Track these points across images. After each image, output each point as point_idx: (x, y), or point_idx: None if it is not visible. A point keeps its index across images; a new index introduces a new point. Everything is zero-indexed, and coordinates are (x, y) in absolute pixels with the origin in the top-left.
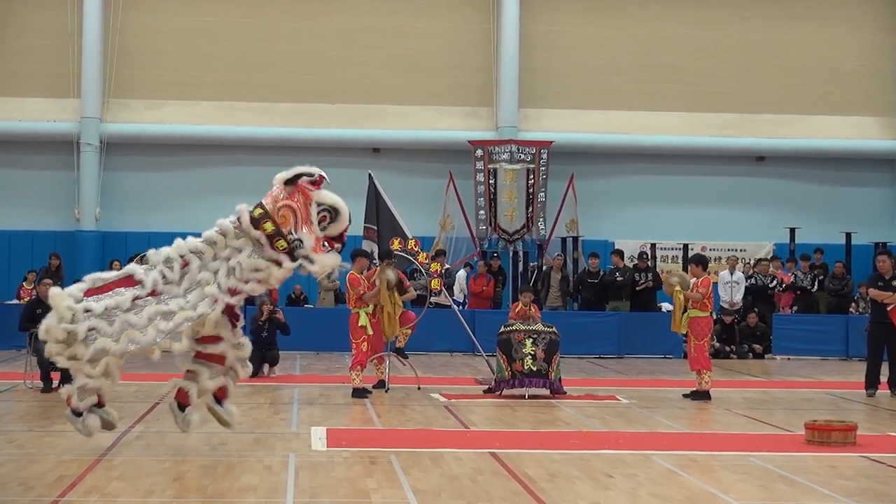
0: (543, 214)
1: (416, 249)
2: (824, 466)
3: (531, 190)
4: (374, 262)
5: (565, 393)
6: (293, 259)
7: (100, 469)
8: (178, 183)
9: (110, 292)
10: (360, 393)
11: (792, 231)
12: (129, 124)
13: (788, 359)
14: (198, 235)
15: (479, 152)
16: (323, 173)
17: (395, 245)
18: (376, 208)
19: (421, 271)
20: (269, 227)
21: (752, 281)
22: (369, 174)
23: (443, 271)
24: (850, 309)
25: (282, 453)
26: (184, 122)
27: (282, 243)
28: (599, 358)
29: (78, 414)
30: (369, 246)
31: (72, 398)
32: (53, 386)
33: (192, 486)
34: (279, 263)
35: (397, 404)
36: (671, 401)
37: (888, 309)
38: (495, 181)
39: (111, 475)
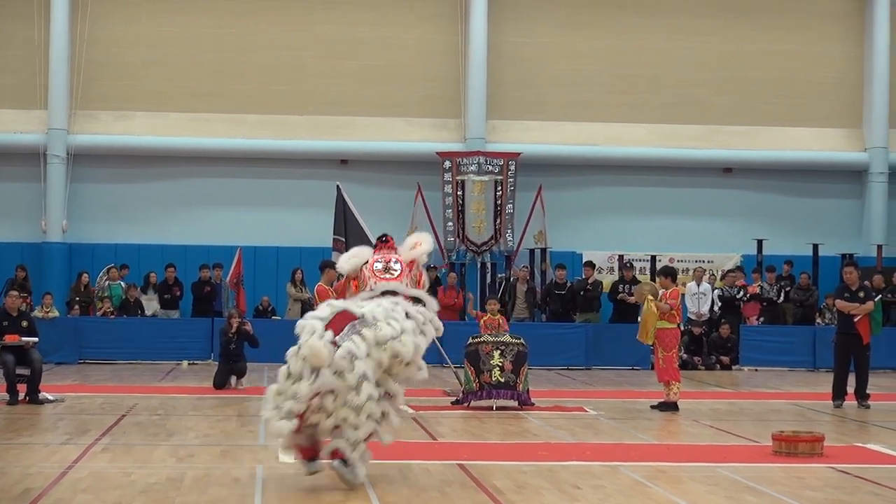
0: (511, 226)
1: None
2: (792, 477)
3: (499, 201)
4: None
5: (533, 404)
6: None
7: (66, 482)
8: (145, 195)
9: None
10: None
11: (759, 242)
12: (96, 136)
13: (756, 370)
14: (166, 247)
15: (448, 164)
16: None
17: None
18: (344, 220)
19: None
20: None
21: (720, 292)
22: (337, 186)
23: None
24: (817, 320)
25: (249, 465)
26: (152, 133)
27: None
28: (567, 369)
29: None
30: (337, 258)
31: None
32: (20, 398)
33: (159, 499)
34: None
35: None
36: (639, 412)
37: (855, 320)
38: (463, 193)
39: (77, 488)
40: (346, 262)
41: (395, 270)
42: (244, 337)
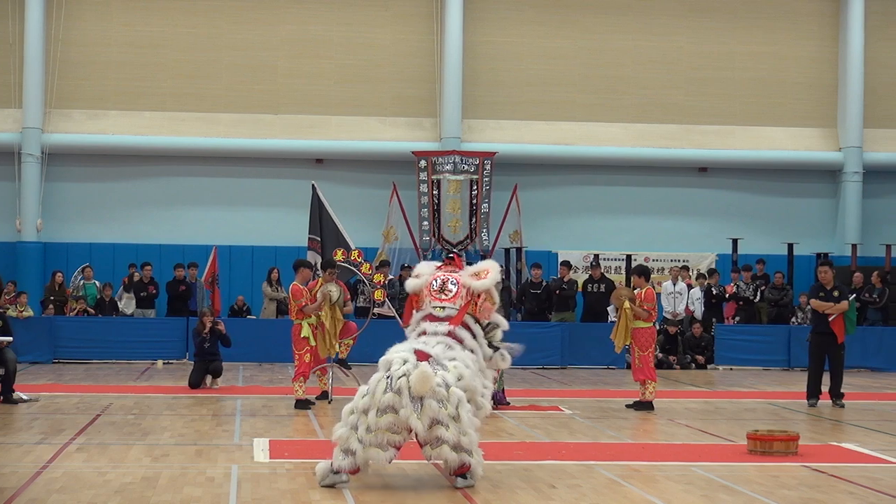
0: (487, 225)
1: (359, 260)
2: (766, 476)
3: (475, 201)
4: (318, 273)
5: (508, 404)
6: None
7: (40, 482)
8: (120, 194)
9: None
10: (302, 404)
11: (735, 242)
12: (70, 135)
13: (731, 369)
14: (140, 246)
15: (423, 163)
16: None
17: (339, 256)
18: (319, 219)
19: (364, 282)
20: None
21: (708, 290)
22: (312, 185)
23: (386, 282)
24: (792, 319)
25: (224, 465)
26: (126, 132)
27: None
28: (543, 368)
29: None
30: (313, 257)
31: None
32: None
33: (134, 499)
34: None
35: (340, 416)
36: (614, 411)
37: (829, 319)
38: (439, 192)
39: (52, 488)
40: (411, 281)
41: (451, 291)
42: (217, 336)
